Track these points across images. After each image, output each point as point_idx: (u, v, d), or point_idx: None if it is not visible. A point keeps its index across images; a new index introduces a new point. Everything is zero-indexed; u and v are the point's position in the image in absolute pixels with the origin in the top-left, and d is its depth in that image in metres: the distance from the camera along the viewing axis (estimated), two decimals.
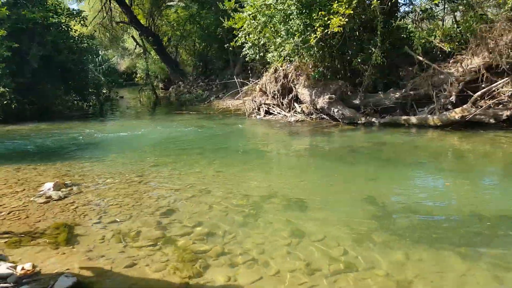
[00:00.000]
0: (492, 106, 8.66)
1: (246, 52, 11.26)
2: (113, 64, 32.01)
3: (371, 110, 10.51)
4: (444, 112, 9.08)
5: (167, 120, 13.80)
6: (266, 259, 3.71)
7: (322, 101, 10.52)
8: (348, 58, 11.07)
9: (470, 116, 8.64)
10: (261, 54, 11.06)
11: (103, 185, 6.00)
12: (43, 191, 5.62)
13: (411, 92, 10.00)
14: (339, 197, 5.42)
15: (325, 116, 11.05)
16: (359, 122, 10.13)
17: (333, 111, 10.40)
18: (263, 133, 10.70)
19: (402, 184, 6.00)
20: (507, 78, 8.35)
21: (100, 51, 27.22)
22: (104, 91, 20.48)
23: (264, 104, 12.43)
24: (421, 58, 9.63)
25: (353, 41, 10.77)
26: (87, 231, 4.31)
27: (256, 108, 12.58)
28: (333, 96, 10.35)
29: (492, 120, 8.59)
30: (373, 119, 10.08)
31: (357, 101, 10.68)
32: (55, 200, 5.28)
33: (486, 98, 8.74)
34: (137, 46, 28.26)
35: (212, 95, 20.53)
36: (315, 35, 9.17)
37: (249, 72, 18.39)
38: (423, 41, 9.24)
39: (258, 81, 13.34)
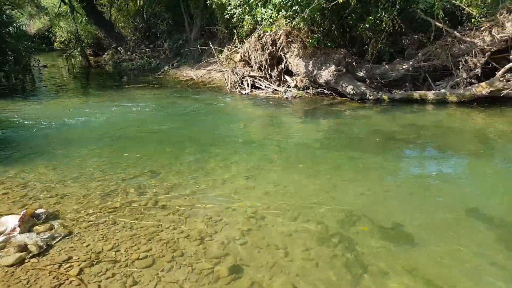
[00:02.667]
0: None
1: (232, 12, 9.17)
2: (21, 26, 26.51)
3: (378, 84, 9.26)
4: (468, 87, 8.12)
5: (123, 96, 11.26)
6: None
7: (327, 74, 8.97)
8: (351, 22, 9.56)
9: (500, 91, 7.77)
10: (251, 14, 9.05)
11: (98, 214, 3.95)
12: (5, 235, 3.46)
13: (424, 64, 8.88)
14: (435, 212, 4.06)
15: (326, 91, 9.57)
16: (370, 98, 8.82)
17: (341, 85, 8.94)
18: (262, 114, 8.84)
19: (498, 187, 4.81)
20: None
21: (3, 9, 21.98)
22: (24, 58, 16.53)
23: (249, 76, 10.54)
24: (440, 25, 8.45)
25: (357, 3, 9.23)
26: None
27: (239, 82, 10.65)
28: (341, 68, 8.86)
29: None
30: (384, 95, 8.84)
31: (362, 73, 9.33)
32: (35, 255, 3.20)
33: None
34: (61, 3, 23.63)
35: (164, 63, 17.84)
36: None
37: (211, 37, 16.12)
38: (442, 3, 8.01)
39: (238, 48, 11.33)
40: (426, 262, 3.24)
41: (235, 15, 9.26)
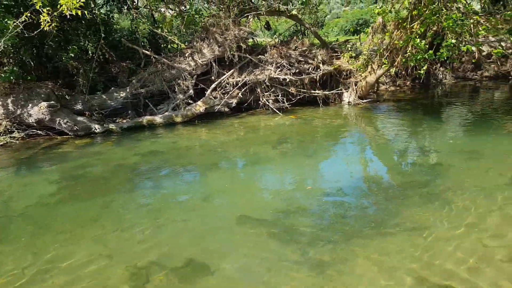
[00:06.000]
0: (222, 96, 9.28)
1: None
2: None
3: (99, 115, 8.61)
4: (188, 107, 8.84)
5: None
6: None
7: (38, 112, 7.46)
8: (50, 52, 8.35)
9: (213, 107, 8.90)
10: None
11: None
12: None
13: (141, 90, 8.97)
14: (213, 234, 4.14)
15: (40, 132, 7.97)
16: (97, 131, 8.05)
17: (59, 122, 7.65)
18: None
19: (240, 189, 5.39)
20: (232, 70, 9.15)
21: None
22: None
23: None
24: (147, 52, 8.74)
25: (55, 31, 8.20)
26: None
27: None
28: (56, 103, 7.59)
29: (226, 109, 9.24)
30: (112, 126, 8.32)
31: (79, 106, 8.40)
32: None
33: (218, 90, 9.23)
34: None
35: None
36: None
37: None
38: (146, 32, 8.32)
39: None
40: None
41: None
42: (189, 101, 9.00)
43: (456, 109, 9.81)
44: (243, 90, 9.39)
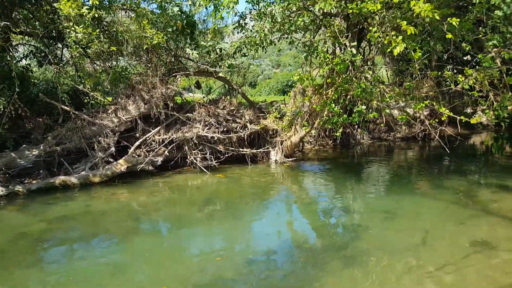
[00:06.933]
0: (147, 154, 8.97)
1: None
2: None
3: (6, 175, 7.78)
4: (107, 166, 8.36)
5: None
6: None
7: None
8: None
9: (136, 166, 8.52)
10: None
11: None
12: None
13: (57, 148, 8.36)
14: None
15: None
16: (1, 194, 7.20)
17: None
18: None
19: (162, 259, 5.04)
20: (159, 127, 8.96)
21: None
22: None
23: None
24: (67, 108, 8.28)
25: None
26: None
27: None
28: None
29: (151, 167, 8.90)
30: (19, 188, 7.52)
31: None
32: None
33: (142, 147, 8.92)
34: None
35: None
36: None
37: None
38: (67, 88, 7.93)
39: None
40: None
41: None
42: (110, 159, 8.54)
43: (374, 168, 10.47)
44: (169, 147, 9.19)
